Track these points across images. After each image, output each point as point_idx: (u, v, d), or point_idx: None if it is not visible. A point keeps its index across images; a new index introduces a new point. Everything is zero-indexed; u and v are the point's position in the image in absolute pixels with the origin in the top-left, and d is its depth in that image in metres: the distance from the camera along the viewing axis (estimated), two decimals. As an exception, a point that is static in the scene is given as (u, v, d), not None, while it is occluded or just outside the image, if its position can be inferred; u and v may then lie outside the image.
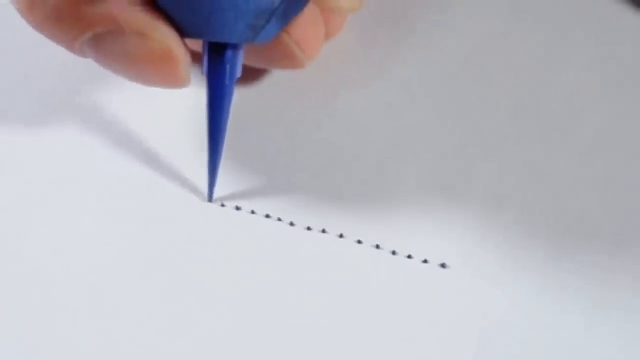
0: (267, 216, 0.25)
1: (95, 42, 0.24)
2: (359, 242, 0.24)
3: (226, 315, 0.23)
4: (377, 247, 0.24)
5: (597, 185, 0.26)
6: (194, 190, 0.26)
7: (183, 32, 0.24)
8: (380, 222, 0.25)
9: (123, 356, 0.22)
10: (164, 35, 0.24)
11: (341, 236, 0.25)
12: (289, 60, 0.26)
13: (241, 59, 0.24)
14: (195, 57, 0.25)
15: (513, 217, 0.25)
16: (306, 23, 0.25)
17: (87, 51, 0.24)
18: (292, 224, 0.25)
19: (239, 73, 0.24)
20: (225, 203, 0.26)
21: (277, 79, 0.29)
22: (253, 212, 0.25)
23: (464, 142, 0.27)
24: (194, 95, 0.28)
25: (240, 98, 0.29)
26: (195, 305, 0.23)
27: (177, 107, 0.29)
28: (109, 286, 0.24)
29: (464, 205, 0.25)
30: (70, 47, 0.24)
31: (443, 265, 0.24)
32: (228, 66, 0.24)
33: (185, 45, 0.24)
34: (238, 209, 0.25)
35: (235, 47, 0.24)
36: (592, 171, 0.26)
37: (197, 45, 0.25)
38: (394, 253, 0.24)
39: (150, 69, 0.24)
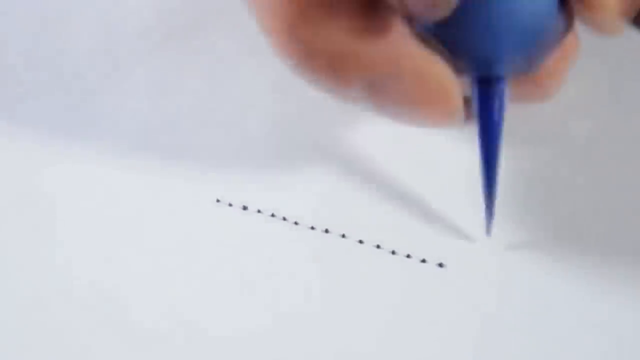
0: (272, 215, 0.26)
1: (371, 86, 0.22)
2: (360, 241, 0.25)
3: (233, 313, 0.24)
4: (378, 246, 0.25)
5: (587, 188, 0.27)
6: (204, 190, 0.27)
7: (456, 68, 0.22)
8: (380, 222, 0.26)
9: (130, 356, 0.23)
10: (441, 73, 0.22)
11: (343, 236, 0.26)
12: (538, 92, 0.24)
13: (509, 92, 0.23)
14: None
15: (506, 218, 0.26)
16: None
17: (361, 96, 0.22)
18: (296, 223, 0.26)
19: (506, 107, 0.23)
20: (232, 202, 0.27)
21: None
22: (259, 211, 0.26)
23: (461, 146, 0.28)
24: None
25: (246, 100, 0.30)
26: (202, 302, 0.24)
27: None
28: (117, 285, 0.25)
29: (459, 207, 0.26)
30: (344, 95, 0.23)
31: (440, 265, 0.25)
32: (499, 99, 0.22)
33: (459, 82, 0.22)
34: (245, 208, 0.26)
35: (503, 79, 0.22)
36: (582, 175, 0.27)
37: None
38: (393, 252, 0.25)
39: (427, 110, 0.22)
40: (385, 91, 0.22)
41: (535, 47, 0.22)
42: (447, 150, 0.28)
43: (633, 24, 0.31)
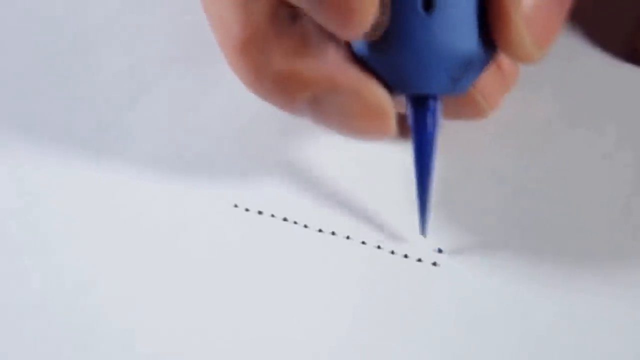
0: (285, 219, 0.29)
1: (313, 101, 0.24)
2: (363, 242, 0.28)
3: (249, 311, 0.26)
4: (378, 247, 0.28)
5: (564, 196, 0.29)
6: (223, 196, 0.29)
7: (389, 87, 0.24)
8: (381, 225, 0.28)
9: (145, 356, 0.25)
10: (376, 91, 0.24)
11: (347, 238, 0.28)
12: (474, 111, 0.26)
13: (441, 109, 0.25)
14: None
15: (495, 222, 0.28)
16: (488, 73, 0.25)
17: (305, 110, 0.25)
18: (305, 227, 0.29)
19: (440, 121, 0.25)
20: (249, 208, 0.29)
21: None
22: (273, 216, 0.29)
23: (456, 155, 0.30)
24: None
25: (260, 116, 0.32)
26: (220, 301, 0.26)
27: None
28: (138, 285, 0.27)
29: (452, 212, 0.28)
30: (290, 109, 0.25)
31: (434, 264, 0.27)
32: (431, 116, 0.24)
33: (392, 100, 0.24)
34: (260, 213, 0.29)
35: (435, 97, 0.24)
36: (561, 184, 0.29)
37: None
38: (392, 252, 0.28)
39: (363, 124, 0.24)
40: (326, 107, 0.24)
41: (459, 72, 0.23)
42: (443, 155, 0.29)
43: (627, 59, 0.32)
